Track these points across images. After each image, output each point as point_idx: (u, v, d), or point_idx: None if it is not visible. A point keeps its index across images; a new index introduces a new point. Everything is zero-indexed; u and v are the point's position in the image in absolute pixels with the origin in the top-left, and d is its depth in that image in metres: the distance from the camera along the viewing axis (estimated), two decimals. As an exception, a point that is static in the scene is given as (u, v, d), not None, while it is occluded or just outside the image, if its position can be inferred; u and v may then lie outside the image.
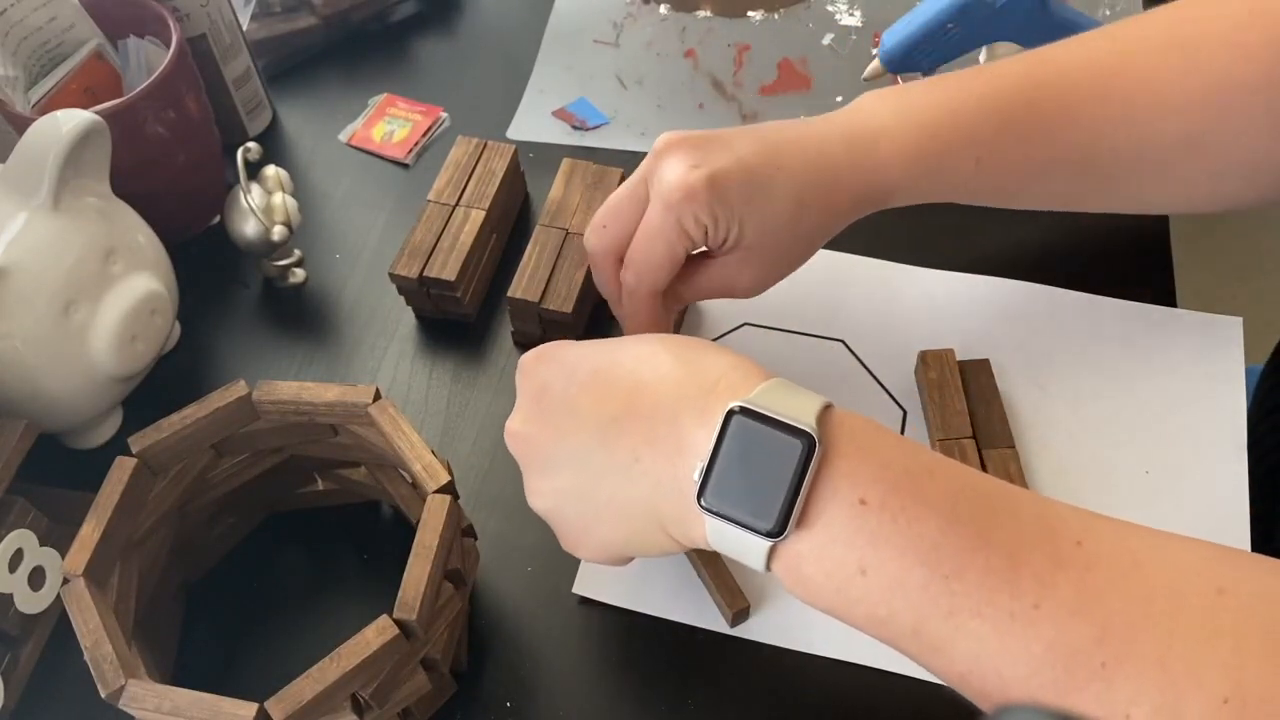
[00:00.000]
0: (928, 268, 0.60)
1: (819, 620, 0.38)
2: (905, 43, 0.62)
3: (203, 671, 0.50)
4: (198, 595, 0.53)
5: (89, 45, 0.61)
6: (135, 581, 0.46)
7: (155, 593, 0.49)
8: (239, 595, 0.53)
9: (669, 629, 0.50)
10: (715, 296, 0.52)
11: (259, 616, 0.52)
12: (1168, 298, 0.58)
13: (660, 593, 0.50)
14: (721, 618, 0.49)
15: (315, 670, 0.39)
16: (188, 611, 0.52)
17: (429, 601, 0.41)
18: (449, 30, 0.77)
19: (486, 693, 0.49)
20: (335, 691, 0.39)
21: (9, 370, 0.50)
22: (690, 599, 0.50)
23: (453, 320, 0.61)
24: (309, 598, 0.53)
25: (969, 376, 0.54)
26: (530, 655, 0.50)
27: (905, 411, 0.55)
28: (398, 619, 0.41)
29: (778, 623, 0.49)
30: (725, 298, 0.52)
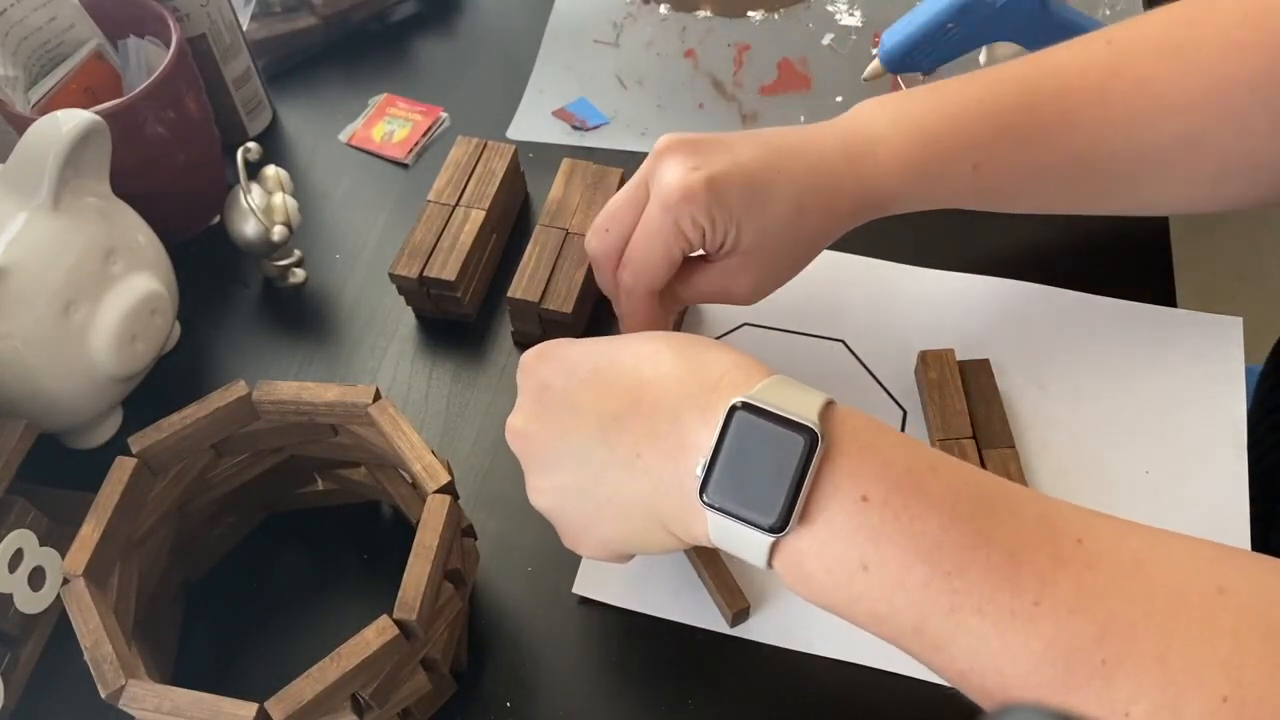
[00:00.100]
0: (928, 268, 0.60)
1: (819, 620, 0.38)
2: (905, 43, 0.62)
3: (203, 671, 0.50)
4: (198, 595, 0.53)
5: (89, 45, 0.61)
6: (135, 581, 0.46)
7: (155, 593, 0.49)
8: (239, 595, 0.53)
9: (669, 629, 0.50)
10: (713, 301, 0.52)
11: (259, 616, 0.52)
12: (1168, 298, 0.58)
13: (660, 593, 0.50)
14: (721, 618, 0.49)
15: (315, 670, 0.39)
16: (188, 611, 0.52)
17: (429, 602, 0.41)
18: (449, 30, 0.77)
19: (486, 693, 0.49)
20: (335, 691, 0.39)
21: (9, 370, 0.50)
22: (690, 599, 0.50)
23: (453, 320, 0.61)
24: (309, 598, 0.53)
25: (969, 376, 0.54)
26: (530, 655, 0.50)
27: (905, 411, 0.55)
28: (398, 619, 0.41)
29: (778, 623, 0.49)
30: (723, 303, 0.52)
